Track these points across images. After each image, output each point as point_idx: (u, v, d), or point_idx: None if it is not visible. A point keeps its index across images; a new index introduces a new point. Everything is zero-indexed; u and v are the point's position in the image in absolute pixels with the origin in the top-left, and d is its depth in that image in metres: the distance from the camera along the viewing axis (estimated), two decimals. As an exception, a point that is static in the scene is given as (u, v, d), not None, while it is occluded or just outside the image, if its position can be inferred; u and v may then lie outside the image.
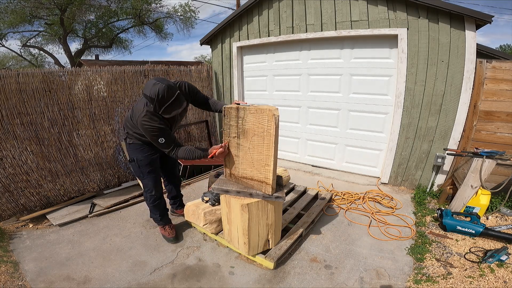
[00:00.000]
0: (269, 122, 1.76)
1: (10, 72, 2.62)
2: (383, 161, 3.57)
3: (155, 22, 14.62)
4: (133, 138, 2.26)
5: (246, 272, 2.04)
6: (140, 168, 2.32)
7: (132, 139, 2.27)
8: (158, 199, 2.42)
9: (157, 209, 2.45)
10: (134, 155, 2.30)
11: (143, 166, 2.30)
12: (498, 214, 2.74)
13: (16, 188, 2.75)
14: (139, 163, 2.30)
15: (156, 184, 2.39)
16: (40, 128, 2.85)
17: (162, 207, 2.47)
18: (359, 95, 3.57)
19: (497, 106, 2.78)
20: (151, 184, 2.35)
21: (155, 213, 2.46)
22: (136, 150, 2.28)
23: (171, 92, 1.91)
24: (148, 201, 2.44)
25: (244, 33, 4.28)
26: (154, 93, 1.86)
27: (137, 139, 2.24)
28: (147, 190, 2.40)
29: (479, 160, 2.55)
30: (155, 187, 2.38)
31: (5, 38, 12.95)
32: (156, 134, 1.99)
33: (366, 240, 2.42)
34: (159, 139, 2.00)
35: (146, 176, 2.33)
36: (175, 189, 2.77)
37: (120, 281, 1.96)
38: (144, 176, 2.35)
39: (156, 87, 1.86)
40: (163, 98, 1.88)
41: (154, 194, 2.38)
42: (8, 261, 2.14)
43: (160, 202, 2.44)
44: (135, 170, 2.42)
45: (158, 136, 2.00)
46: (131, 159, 2.34)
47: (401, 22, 3.01)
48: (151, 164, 2.33)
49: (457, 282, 1.88)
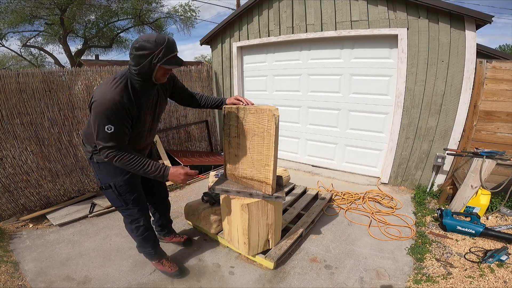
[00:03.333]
0: (269, 122, 1.76)
1: (10, 72, 2.62)
2: (383, 161, 3.57)
3: (155, 22, 14.63)
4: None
5: (246, 272, 2.04)
6: (122, 196, 1.74)
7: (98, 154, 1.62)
8: (148, 229, 1.92)
9: (147, 242, 1.95)
10: (109, 179, 1.69)
11: (125, 193, 1.74)
12: (498, 214, 2.74)
13: (16, 188, 2.75)
14: (118, 189, 1.71)
15: (144, 212, 1.87)
16: (40, 128, 2.85)
17: (153, 237, 1.98)
18: (359, 95, 3.57)
19: (497, 106, 2.78)
20: (138, 214, 1.83)
21: (146, 246, 1.97)
22: (111, 172, 1.68)
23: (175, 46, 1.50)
24: (135, 233, 1.89)
25: (244, 33, 4.28)
26: (161, 38, 1.42)
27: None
28: (132, 221, 1.84)
29: (479, 160, 2.55)
30: (143, 215, 1.86)
31: (5, 38, 12.97)
32: (110, 113, 1.38)
33: (366, 240, 2.42)
34: (108, 125, 1.39)
35: (130, 205, 1.79)
36: (164, 217, 2.25)
37: (120, 281, 1.96)
38: (127, 206, 1.79)
39: (162, 35, 1.45)
40: (173, 45, 1.46)
41: (143, 224, 1.86)
42: (8, 261, 2.14)
43: (150, 233, 1.94)
44: (112, 199, 1.79)
45: (109, 120, 1.39)
46: (105, 185, 1.72)
47: (401, 22, 3.01)
48: (135, 188, 1.78)
49: (457, 282, 1.88)
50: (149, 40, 1.41)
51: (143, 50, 1.42)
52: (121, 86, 1.45)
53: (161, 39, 1.44)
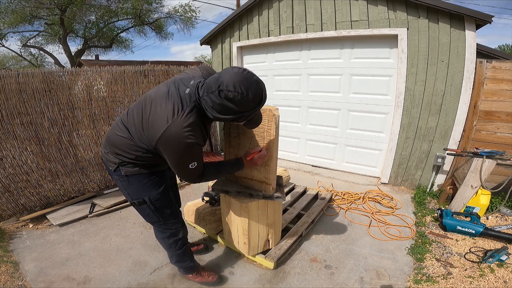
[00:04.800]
0: (269, 122, 1.76)
1: (10, 72, 2.62)
2: (383, 161, 3.57)
3: (155, 22, 14.63)
4: (136, 166, 1.46)
5: (246, 272, 2.04)
6: (158, 210, 1.58)
7: (134, 167, 1.46)
8: (187, 241, 1.80)
9: (187, 254, 1.81)
10: (143, 194, 1.52)
11: (162, 207, 1.58)
12: (498, 214, 2.74)
13: (16, 188, 2.75)
14: (154, 204, 1.55)
15: (182, 223, 1.73)
16: (40, 128, 2.85)
17: (190, 248, 1.88)
18: (359, 95, 3.57)
19: (497, 106, 2.78)
20: (176, 226, 1.68)
21: (185, 260, 1.82)
22: (144, 185, 1.51)
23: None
24: (174, 248, 1.74)
25: (244, 33, 4.28)
26: (259, 94, 1.19)
27: (143, 166, 1.47)
28: (170, 235, 1.69)
29: (479, 160, 2.55)
30: (182, 227, 1.72)
31: (5, 38, 12.98)
32: (190, 155, 1.30)
33: (366, 240, 2.42)
34: (191, 163, 1.32)
35: (168, 219, 1.64)
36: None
37: (120, 281, 1.96)
38: (165, 220, 1.64)
39: (260, 86, 1.20)
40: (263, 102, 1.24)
41: (182, 236, 1.72)
42: (8, 261, 2.14)
43: (188, 244, 1.82)
44: (147, 215, 1.62)
45: (191, 159, 1.31)
46: (138, 201, 1.53)
47: (401, 22, 3.01)
48: (170, 199, 1.63)
49: (457, 282, 1.88)
50: (246, 94, 1.14)
51: (234, 104, 1.16)
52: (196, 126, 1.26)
53: (259, 96, 1.19)
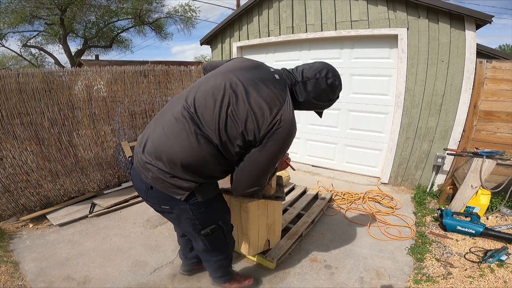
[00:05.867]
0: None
1: (10, 72, 2.62)
2: (383, 161, 3.57)
3: (155, 22, 14.63)
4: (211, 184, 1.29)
5: (246, 272, 2.04)
6: (228, 235, 1.47)
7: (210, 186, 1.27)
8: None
9: (230, 263, 1.74)
10: (218, 218, 1.36)
11: (230, 229, 1.49)
12: (498, 214, 2.74)
13: (16, 188, 2.74)
14: (227, 227, 1.43)
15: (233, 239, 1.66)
16: (40, 128, 2.85)
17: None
18: (359, 95, 3.57)
19: (497, 106, 2.78)
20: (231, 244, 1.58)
21: (227, 267, 1.71)
22: (220, 208, 1.38)
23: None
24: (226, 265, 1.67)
25: (244, 33, 4.28)
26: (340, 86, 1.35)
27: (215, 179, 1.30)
28: (227, 256, 1.60)
29: (479, 160, 2.55)
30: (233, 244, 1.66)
31: (5, 38, 12.97)
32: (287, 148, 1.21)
33: (366, 240, 2.42)
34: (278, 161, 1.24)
35: (228, 240, 1.51)
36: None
37: (120, 281, 1.96)
38: (227, 241, 1.50)
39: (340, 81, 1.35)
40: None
41: (230, 252, 1.64)
42: (8, 261, 2.14)
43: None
44: (218, 240, 1.43)
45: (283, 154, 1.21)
46: (212, 228, 1.33)
47: (401, 22, 3.01)
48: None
49: (457, 282, 1.88)
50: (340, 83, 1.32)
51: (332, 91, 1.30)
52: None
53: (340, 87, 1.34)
